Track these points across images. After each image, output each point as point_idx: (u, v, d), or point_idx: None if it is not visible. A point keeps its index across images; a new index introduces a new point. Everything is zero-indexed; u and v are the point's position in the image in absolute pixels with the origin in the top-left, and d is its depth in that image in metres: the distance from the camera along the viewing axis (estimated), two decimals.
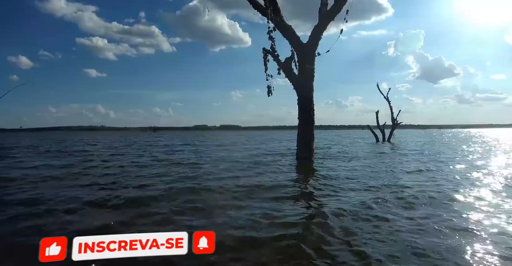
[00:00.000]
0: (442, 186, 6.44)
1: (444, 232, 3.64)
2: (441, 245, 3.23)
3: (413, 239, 3.40)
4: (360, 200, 5.16)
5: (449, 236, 3.51)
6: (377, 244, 3.28)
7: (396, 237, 3.50)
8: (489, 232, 3.62)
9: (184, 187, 6.29)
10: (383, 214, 4.34)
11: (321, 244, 3.24)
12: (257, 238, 3.33)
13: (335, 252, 3.07)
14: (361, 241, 3.34)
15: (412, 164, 10.45)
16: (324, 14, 11.11)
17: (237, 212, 4.36)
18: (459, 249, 3.15)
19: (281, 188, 6.27)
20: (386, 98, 26.66)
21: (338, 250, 3.11)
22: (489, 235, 3.52)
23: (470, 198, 5.39)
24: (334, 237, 3.45)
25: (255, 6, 11.14)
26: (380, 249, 3.12)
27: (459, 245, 3.27)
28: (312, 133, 11.47)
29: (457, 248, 3.18)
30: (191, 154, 14.54)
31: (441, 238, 3.45)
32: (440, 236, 3.52)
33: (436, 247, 3.16)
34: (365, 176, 7.92)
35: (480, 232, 3.62)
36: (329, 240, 3.36)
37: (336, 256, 2.96)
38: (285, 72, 11.55)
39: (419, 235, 3.54)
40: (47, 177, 7.68)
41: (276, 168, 9.40)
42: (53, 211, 4.46)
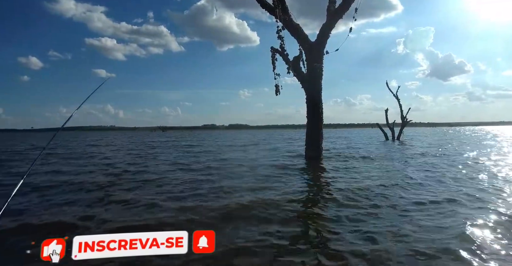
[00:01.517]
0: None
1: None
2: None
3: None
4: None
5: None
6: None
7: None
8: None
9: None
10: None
11: None
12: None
13: None
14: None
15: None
16: (332, 12, 11.02)
17: None
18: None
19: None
20: (396, 96, 26.44)
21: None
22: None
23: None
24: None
25: (263, 5, 11.13)
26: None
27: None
28: (321, 132, 11.42)
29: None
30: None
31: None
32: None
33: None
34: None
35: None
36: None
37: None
38: (294, 71, 11.53)
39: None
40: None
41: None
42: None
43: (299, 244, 3.29)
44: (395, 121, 26.70)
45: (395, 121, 26.71)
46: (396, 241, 3.34)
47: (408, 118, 26.97)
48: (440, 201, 5.06)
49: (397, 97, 26.39)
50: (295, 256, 2.97)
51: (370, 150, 16.12)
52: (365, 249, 3.11)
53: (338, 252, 3.06)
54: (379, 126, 27.38)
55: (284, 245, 3.28)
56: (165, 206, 4.89)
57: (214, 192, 5.89)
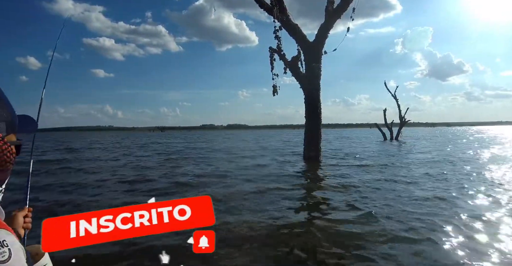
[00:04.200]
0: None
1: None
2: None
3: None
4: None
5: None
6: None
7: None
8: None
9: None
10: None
11: None
12: None
13: None
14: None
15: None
16: (331, 12, 11.02)
17: None
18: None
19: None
20: (394, 96, 26.50)
21: None
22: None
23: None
24: None
25: (261, 5, 11.12)
26: None
27: None
28: (319, 132, 11.42)
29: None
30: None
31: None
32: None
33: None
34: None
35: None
36: None
37: None
38: (292, 71, 11.52)
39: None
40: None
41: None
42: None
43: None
44: (393, 121, 26.79)
45: (394, 121, 26.80)
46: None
47: (407, 118, 27.09)
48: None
49: (395, 97, 26.48)
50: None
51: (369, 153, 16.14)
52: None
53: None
54: (378, 126, 27.45)
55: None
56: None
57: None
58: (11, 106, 0.83)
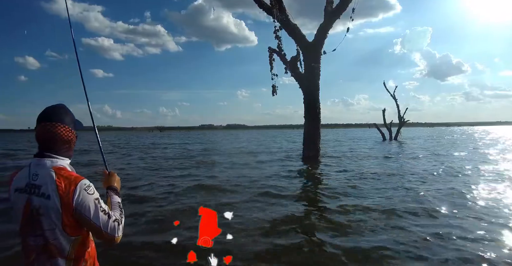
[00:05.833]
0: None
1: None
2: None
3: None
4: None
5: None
6: None
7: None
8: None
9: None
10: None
11: None
12: None
13: None
14: None
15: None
16: (330, 12, 11.07)
17: None
18: None
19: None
20: (393, 96, 26.48)
21: None
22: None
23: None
24: None
25: (260, 5, 11.15)
26: None
27: None
28: (318, 132, 11.46)
29: None
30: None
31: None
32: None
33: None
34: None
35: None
36: None
37: None
38: (291, 71, 11.56)
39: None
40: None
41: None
42: None
43: None
44: (392, 121, 26.79)
45: (393, 121, 26.81)
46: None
47: (406, 118, 27.10)
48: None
49: (394, 97, 26.47)
50: None
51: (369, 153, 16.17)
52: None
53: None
54: (377, 126, 27.48)
55: None
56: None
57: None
58: (72, 113, 1.35)
